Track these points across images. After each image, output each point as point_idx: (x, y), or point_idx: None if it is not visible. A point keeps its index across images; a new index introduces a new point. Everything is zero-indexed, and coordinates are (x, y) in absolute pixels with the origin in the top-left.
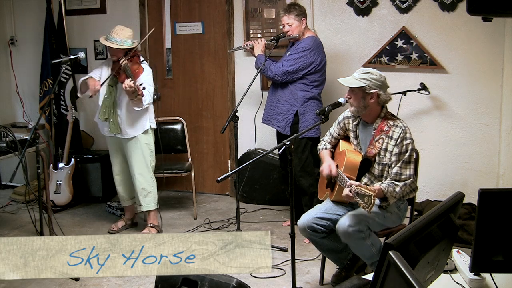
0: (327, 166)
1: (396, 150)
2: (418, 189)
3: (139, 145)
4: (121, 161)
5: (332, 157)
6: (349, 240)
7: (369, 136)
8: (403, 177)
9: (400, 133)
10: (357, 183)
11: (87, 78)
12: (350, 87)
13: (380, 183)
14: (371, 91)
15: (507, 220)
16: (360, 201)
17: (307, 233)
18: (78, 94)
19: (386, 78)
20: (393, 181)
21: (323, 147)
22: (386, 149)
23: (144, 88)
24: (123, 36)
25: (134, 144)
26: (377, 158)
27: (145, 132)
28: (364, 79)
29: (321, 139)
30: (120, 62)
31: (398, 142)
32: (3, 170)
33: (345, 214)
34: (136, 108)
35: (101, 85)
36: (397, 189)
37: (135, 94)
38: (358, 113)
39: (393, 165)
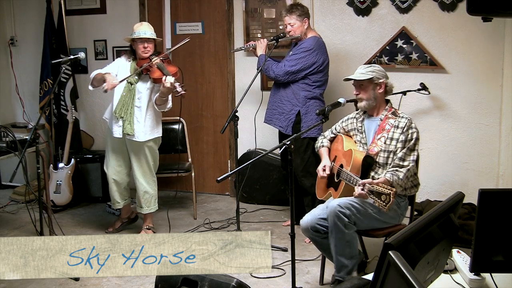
0: (321, 168)
1: (402, 137)
2: (420, 185)
3: (147, 151)
4: (121, 163)
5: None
6: (332, 221)
7: (375, 127)
8: (405, 163)
9: (406, 122)
10: (369, 180)
11: (105, 73)
12: (358, 83)
13: (384, 173)
14: (380, 81)
15: (507, 220)
16: (376, 199)
17: (309, 233)
18: (90, 87)
19: None
20: (395, 169)
21: (321, 144)
22: (392, 138)
23: (185, 90)
24: (152, 30)
25: (142, 149)
26: (383, 146)
27: (156, 138)
28: (370, 71)
29: (319, 137)
30: (153, 60)
31: (404, 130)
32: (3, 170)
33: None
34: (158, 109)
35: (121, 81)
36: (401, 175)
37: (169, 93)
38: (369, 106)
39: (398, 151)
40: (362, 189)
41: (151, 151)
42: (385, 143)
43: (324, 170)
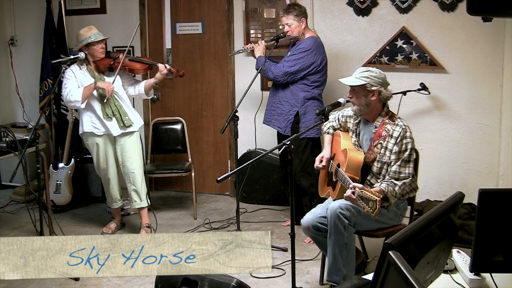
0: (318, 159)
1: (396, 148)
2: (418, 189)
3: (138, 139)
4: (114, 161)
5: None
6: (332, 222)
7: (369, 134)
8: (402, 175)
9: (400, 132)
10: (360, 185)
11: (90, 85)
12: (351, 87)
13: (379, 183)
14: (372, 89)
15: (507, 220)
16: (365, 205)
17: (311, 232)
18: (82, 106)
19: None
20: (392, 180)
21: (326, 130)
22: (386, 148)
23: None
24: (97, 31)
25: (134, 138)
26: (378, 155)
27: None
28: (364, 77)
29: (330, 115)
30: (120, 57)
31: (398, 140)
32: (3, 170)
33: None
34: (148, 96)
35: (114, 80)
36: (396, 188)
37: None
38: (360, 111)
39: (392, 163)
40: (353, 192)
41: (140, 140)
42: (380, 152)
43: (321, 161)
